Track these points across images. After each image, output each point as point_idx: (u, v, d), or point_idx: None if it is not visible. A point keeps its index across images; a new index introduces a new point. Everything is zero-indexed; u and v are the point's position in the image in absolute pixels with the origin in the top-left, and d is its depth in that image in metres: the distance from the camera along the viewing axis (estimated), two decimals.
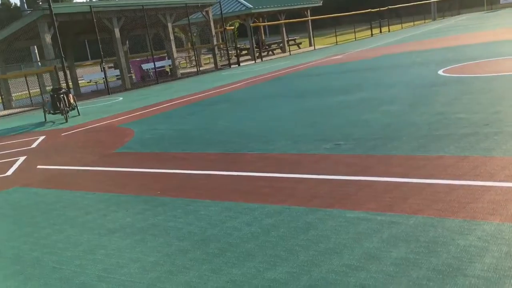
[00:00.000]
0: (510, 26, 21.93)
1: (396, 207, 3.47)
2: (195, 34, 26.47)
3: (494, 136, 4.77)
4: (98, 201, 4.78)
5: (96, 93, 17.28)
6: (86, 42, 36.33)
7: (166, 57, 24.82)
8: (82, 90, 22.30)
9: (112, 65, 26.34)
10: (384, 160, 4.61)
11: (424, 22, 45.95)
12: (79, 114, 12.69)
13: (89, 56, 41.40)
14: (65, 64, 16.31)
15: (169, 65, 23.74)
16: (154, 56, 20.93)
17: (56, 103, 11.82)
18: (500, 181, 3.65)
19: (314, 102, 8.80)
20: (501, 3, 49.45)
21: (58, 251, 3.62)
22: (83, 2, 21.46)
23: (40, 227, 4.23)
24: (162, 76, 22.33)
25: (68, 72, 16.46)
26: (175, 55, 21.91)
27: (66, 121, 11.59)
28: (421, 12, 46.30)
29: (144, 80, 22.85)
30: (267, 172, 4.84)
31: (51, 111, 11.96)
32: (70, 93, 12.96)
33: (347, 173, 4.40)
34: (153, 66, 20.81)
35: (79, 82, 22.58)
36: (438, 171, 4.05)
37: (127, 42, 24.75)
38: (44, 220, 4.42)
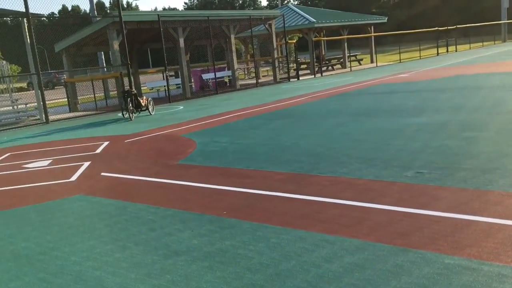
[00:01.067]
0: None
1: (504, 256, 2.96)
2: (255, 47, 26.45)
3: None
4: (162, 216, 4.55)
5: (157, 101, 17.50)
6: (149, 50, 37.39)
7: (226, 68, 24.94)
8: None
9: (172, 73, 26.81)
10: (480, 196, 4.07)
11: (494, 43, 43.77)
12: (151, 114, 14.30)
13: (151, 64, 42.65)
14: (131, 71, 16.63)
15: (229, 76, 23.80)
16: (214, 67, 21.02)
17: (125, 102, 13.51)
18: None
19: (385, 122, 8.28)
20: None
21: (121, 271, 3.38)
22: (151, 11, 21.98)
23: (103, 241, 4.03)
24: (221, 87, 22.39)
25: (132, 78, 16.76)
26: (236, 66, 21.92)
27: (131, 119, 13.31)
28: (490, 33, 44.11)
29: (203, 90, 23.01)
30: (343, 199, 4.42)
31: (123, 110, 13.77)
32: (141, 96, 14.65)
33: (437, 208, 3.91)
34: (213, 76, 20.89)
35: (142, 88, 23.06)
36: None
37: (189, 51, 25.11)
38: (107, 233, 4.22)
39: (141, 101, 13.99)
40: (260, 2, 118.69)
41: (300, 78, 24.58)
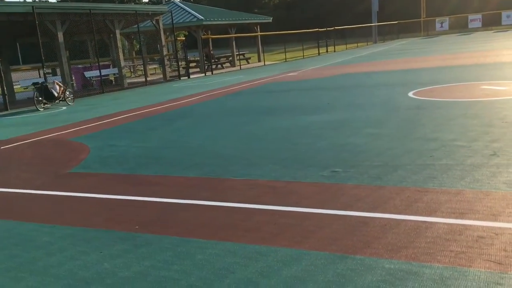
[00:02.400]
0: (453, 52, 22.86)
1: (440, 256, 2.95)
2: (142, 43, 25.30)
3: (509, 168, 4.43)
4: (60, 237, 3.89)
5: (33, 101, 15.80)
6: (18, 45, 33.80)
7: (111, 66, 23.48)
8: (18, 96, 20.43)
9: (49, 71, 24.50)
10: (398, 194, 4.10)
11: (367, 44, 47.48)
12: (69, 105, 15.29)
13: (20, 60, 38.59)
14: (1, 68, 14.74)
15: (114, 74, 22.44)
16: (99, 64, 19.61)
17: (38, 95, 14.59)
18: None
19: (288, 121, 8.28)
20: (436, 30, 52.29)
21: None
22: (24, 2, 19.79)
23: None
24: (107, 85, 20.98)
25: (2, 76, 14.89)
26: (122, 63, 20.71)
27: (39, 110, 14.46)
28: (364, 35, 47.79)
29: (86, 88, 21.36)
30: (265, 204, 4.19)
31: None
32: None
33: (361, 209, 3.85)
34: (98, 74, 19.49)
35: (14, 87, 20.68)
36: (467, 208, 3.60)
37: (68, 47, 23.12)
38: None
39: (59, 91, 15.03)
40: None
41: (191, 76, 24.10)
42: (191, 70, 26.99)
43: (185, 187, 4.94)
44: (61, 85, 15.43)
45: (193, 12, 27.04)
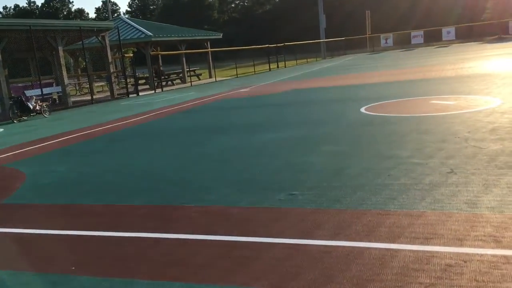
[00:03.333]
0: (399, 67, 23.53)
1: None
2: (87, 60, 24.39)
3: (468, 187, 4.33)
4: None
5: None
6: None
7: (54, 84, 22.41)
8: None
9: None
10: (359, 218, 3.88)
11: (316, 60, 48.36)
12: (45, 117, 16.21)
13: None
14: None
15: (58, 93, 21.40)
16: (40, 82, 18.63)
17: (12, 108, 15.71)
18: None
19: (242, 140, 7.99)
20: (381, 45, 54.14)
21: None
22: None
23: None
24: (50, 105, 19.94)
25: None
26: (66, 81, 19.80)
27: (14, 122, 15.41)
28: (313, 50, 48.67)
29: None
30: (219, 235, 3.85)
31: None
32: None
33: (323, 236, 3.59)
34: (40, 93, 18.48)
35: None
36: (431, 233, 3.41)
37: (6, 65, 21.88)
38: None
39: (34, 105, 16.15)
40: (88, 14, 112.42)
41: (140, 93, 23.43)
42: (140, 87, 26.28)
43: (130, 217, 4.51)
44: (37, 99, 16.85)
45: (141, 28, 26.45)
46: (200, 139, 8.47)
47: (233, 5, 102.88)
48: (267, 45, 37.81)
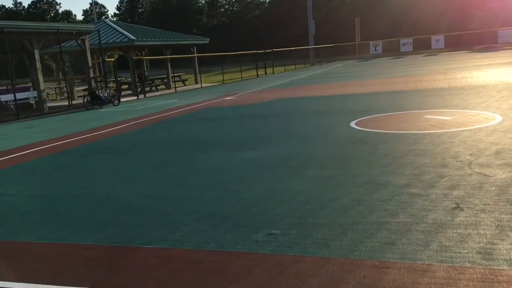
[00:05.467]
0: (389, 75, 23.02)
1: None
2: (67, 64, 23.46)
3: (479, 229, 3.64)
4: None
5: None
6: None
7: (32, 88, 21.44)
8: None
9: None
10: (352, 271, 3.16)
11: (305, 66, 47.83)
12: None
13: None
14: None
15: (34, 98, 20.44)
16: (16, 86, 17.70)
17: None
18: None
19: (220, 159, 7.25)
20: (370, 53, 53.86)
21: None
22: None
23: None
24: (25, 110, 19.01)
25: None
26: (42, 86, 18.88)
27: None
28: (301, 56, 48.13)
29: (1, 114, 19.22)
30: None
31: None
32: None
33: None
34: (14, 98, 17.54)
35: None
36: None
37: None
38: None
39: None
40: (75, 16, 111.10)
41: (122, 99, 22.55)
42: (123, 93, 25.40)
43: (74, 263, 3.74)
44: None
45: (124, 32, 25.60)
46: (174, 157, 7.71)
47: (222, 10, 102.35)
48: (255, 51, 37.16)
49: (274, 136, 8.84)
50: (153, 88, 28.42)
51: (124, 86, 28.30)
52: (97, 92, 19.36)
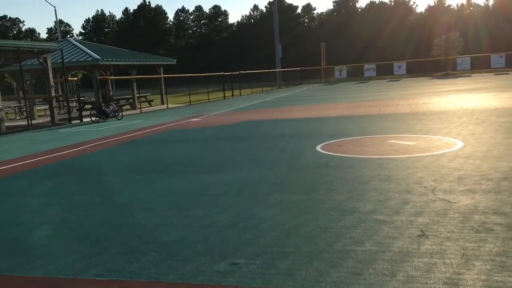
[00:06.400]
0: (354, 100, 23.43)
1: None
2: (28, 82, 22.76)
3: (445, 258, 3.59)
4: None
5: None
6: None
7: None
8: None
9: None
10: None
11: (272, 89, 48.26)
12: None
13: None
14: None
15: None
16: None
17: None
18: None
19: (184, 182, 7.04)
20: (336, 77, 55.03)
21: None
22: None
23: None
24: None
25: None
26: (0, 105, 18.18)
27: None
28: (268, 79, 48.60)
29: None
30: None
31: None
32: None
33: None
34: None
35: None
36: None
37: None
38: None
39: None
40: (39, 34, 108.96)
41: (84, 119, 22.00)
42: (86, 113, 24.82)
43: None
44: None
45: (88, 51, 25.15)
46: (137, 180, 7.44)
47: (190, 32, 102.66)
48: (222, 73, 37.25)
49: (240, 160, 8.72)
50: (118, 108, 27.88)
51: (87, 106, 27.66)
52: (102, 107, 21.03)
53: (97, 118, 20.81)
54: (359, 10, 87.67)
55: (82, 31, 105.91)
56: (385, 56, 58.01)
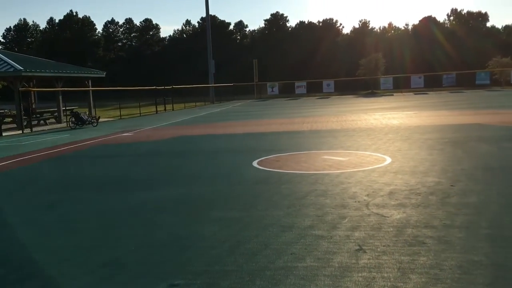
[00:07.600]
0: (287, 116, 23.90)
1: None
2: None
3: (383, 272, 3.69)
4: None
5: None
6: None
7: None
8: None
9: None
10: None
11: (205, 104, 48.06)
12: None
13: None
14: None
15: None
16: None
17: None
18: None
19: (117, 199, 6.73)
20: (268, 93, 56.00)
21: None
22: None
23: None
24: None
25: None
26: None
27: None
28: (201, 94, 48.40)
29: None
30: None
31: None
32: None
33: None
34: None
35: None
36: None
37: None
38: None
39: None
40: None
41: (4, 134, 20.55)
42: (6, 126, 23.23)
43: None
44: None
45: (10, 61, 23.61)
46: (64, 198, 7.01)
47: (120, 44, 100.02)
48: (154, 87, 36.57)
49: (175, 176, 8.52)
50: (42, 121, 26.41)
51: (7, 119, 25.92)
52: (80, 114, 23.17)
53: (75, 125, 22.37)
54: (289, 29, 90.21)
55: (3, 40, 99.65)
56: (315, 75, 59.97)
